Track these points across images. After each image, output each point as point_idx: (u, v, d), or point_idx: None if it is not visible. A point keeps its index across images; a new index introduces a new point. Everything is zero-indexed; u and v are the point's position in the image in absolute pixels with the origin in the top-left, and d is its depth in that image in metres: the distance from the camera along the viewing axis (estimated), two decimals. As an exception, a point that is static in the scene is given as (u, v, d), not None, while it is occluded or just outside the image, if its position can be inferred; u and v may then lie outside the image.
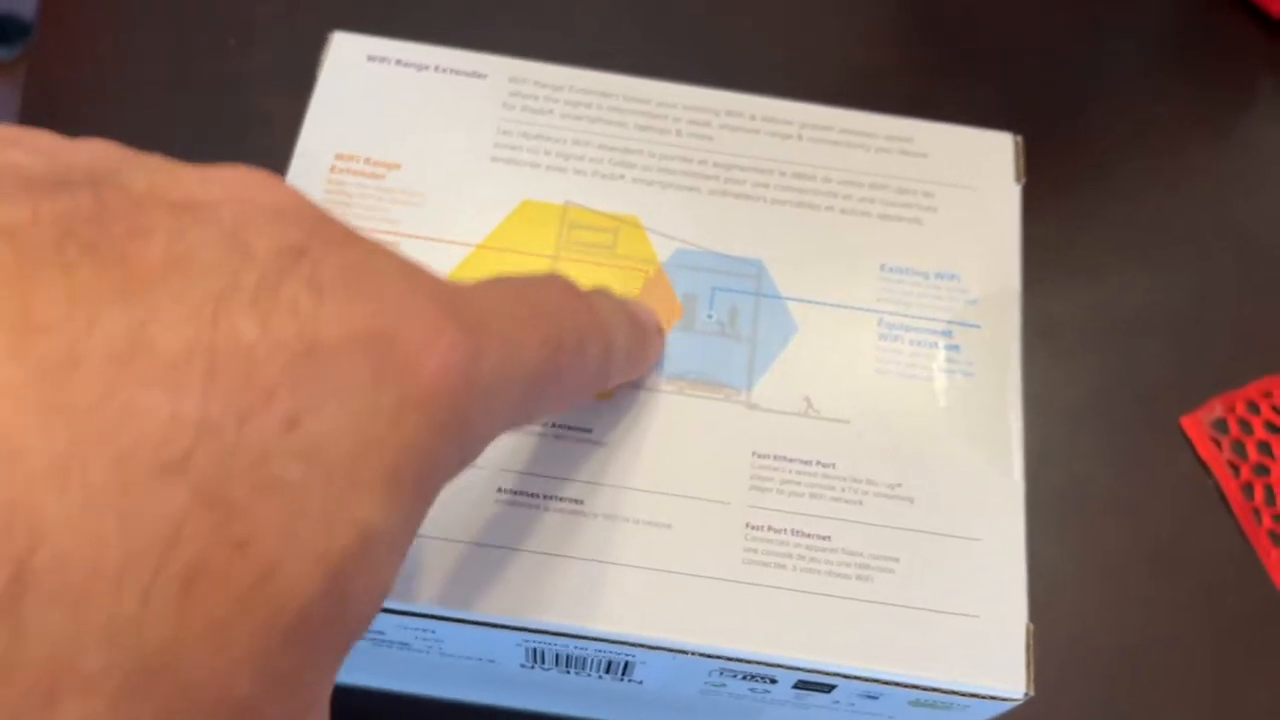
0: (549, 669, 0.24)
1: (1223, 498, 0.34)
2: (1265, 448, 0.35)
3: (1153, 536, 0.34)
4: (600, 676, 0.24)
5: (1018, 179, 0.26)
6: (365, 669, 0.27)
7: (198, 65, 0.38)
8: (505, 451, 0.22)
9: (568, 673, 0.24)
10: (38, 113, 0.37)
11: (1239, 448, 0.35)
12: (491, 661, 0.24)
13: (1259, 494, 0.34)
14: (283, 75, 0.38)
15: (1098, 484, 0.34)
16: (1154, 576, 0.33)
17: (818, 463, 0.23)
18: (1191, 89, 0.42)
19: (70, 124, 0.37)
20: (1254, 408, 0.35)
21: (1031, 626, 0.22)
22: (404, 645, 0.23)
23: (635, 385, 0.23)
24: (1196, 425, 0.35)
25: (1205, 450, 0.34)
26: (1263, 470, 0.34)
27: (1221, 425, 0.35)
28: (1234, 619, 0.33)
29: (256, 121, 0.38)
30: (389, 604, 0.21)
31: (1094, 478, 0.34)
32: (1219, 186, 0.40)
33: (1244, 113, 0.42)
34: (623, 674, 0.23)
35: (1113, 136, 0.40)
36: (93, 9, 0.39)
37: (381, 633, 0.23)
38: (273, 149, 0.37)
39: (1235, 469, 0.34)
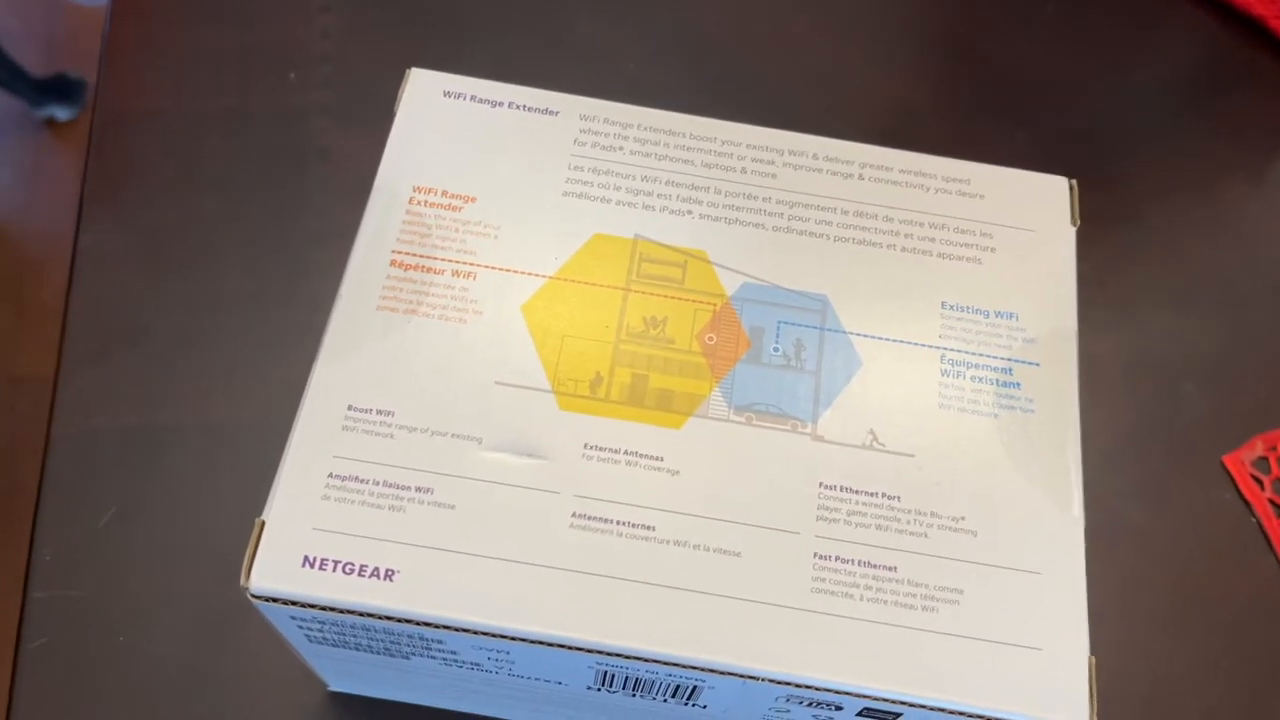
0: (615, 692, 0.24)
1: (1264, 535, 0.34)
2: (1305, 487, 0.35)
3: (1195, 572, 0.34)
4: (666, 700, 0.24)
5: (1073, 222, 0.27)
6: (429, 690, 0.27)
7: (259, 99, 0.39)
8: (579, 478, 0.23)
9: (634, 696, 0.24)
10: (106, 145, 0.38)
11: None
12: (560, 684, 0.24)
13: (1299, 533, 0.34)
14: (342, 110, 0.39)
15: (1140, 521, 0.35)
16: (1195, 612, 0.33)
17: (883, 495, 0.23)
18: (1225, 133, 0.43)
19: (136, 154, 0.38)
20: (1294, 448, 0.36)
21: (1094, 659, 0.22)
22: (475, 665, 0.24)
23: (704, 415, 0.24)
24: (1238, 463, 0.35)
25: (1247, 488, 0.35)
26: (1303, 510, 0.35)
27: (1263, 464, 0.35)
28: (1275, 655, 0.33)
29: (315, 154, 0.38)
30: (466, 623, 0.22)
31: (1136, 514, 0.35)
32: (1254, 228, 0.41)
33: (1276, 154, 0.42)
34: (689, 698, 0.24)
35: (1149, 180, 0.41)
36: (157, 42, 0.41)
37: (455, 653, 0.23)
38: (332, 180, 0.38)
39: (1276, 506, 0.35)
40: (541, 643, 0.22)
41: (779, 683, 0.22)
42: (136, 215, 0.37)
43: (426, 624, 0.22)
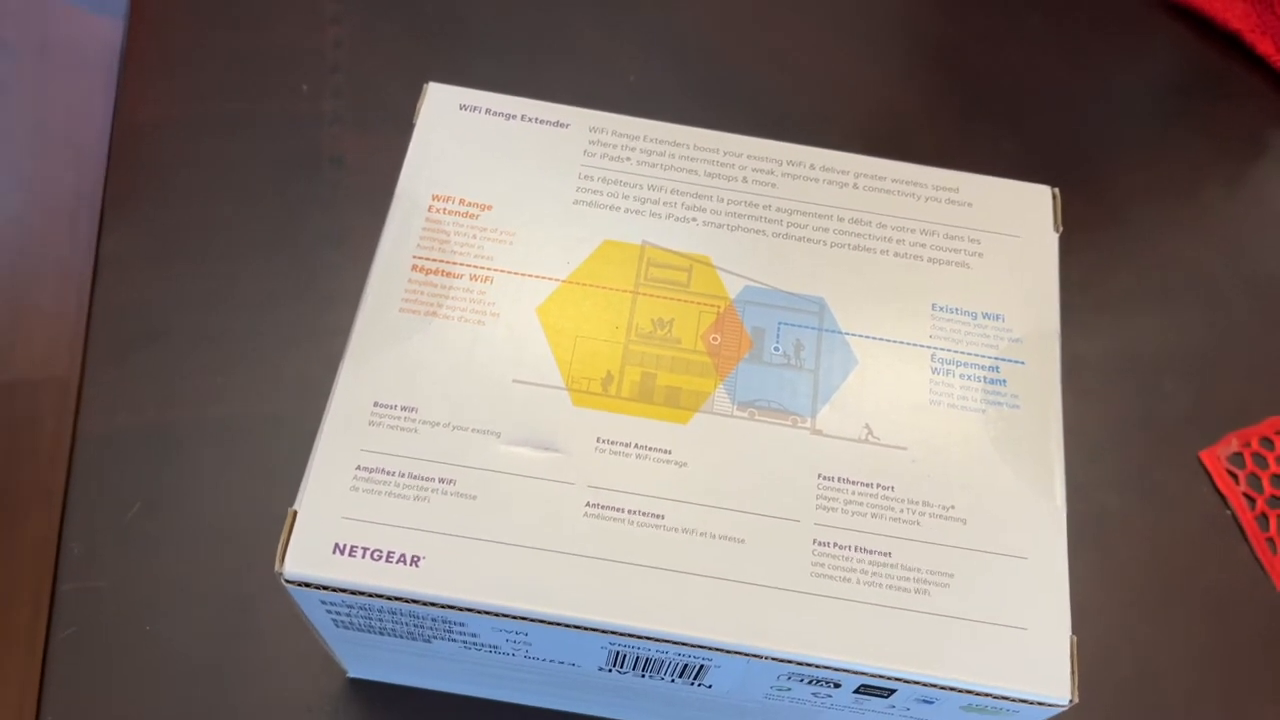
0: (626, 673, 0.26)
1: (1239, 528, 0.36)
2: (1278, 480, 0.37)
3: (1172, 564, 0.36)
4: (673, 680, 0.26)
5: (1056, 228, 0.28)
6: (446, 674, 0.29)
7: (273, 109, 0.41)
8: (592, 470, 0.24)
9: (643, 676, 0.26)
10: (125, 151, 0.39)
11: (1254, 481, 0.37)
12: (572, 665, 0.26)
13: (1273, 524, 0.36)
14: (353, 117, 0.41)
15: (1120, 514, 0.36)
16: (1172, 602, 0.35)
17: (878, 485, 0.25)
18: (1206, 142, 0.44)
19: (154, 163, 0.39)
20: (1268, 443, 0.37)
21: (1075, 638, 0.24)
22: (494, 648, 0.25)
23: (710, 411, 0.25)
24: (1214, 459, 0.37)
25: (1222, 483, 0.36)
26: (1276, 502, 0.36)
27: (1238, 459, 0.37)
28: (1249, 644, 0.35)
29: (329, 162, 0.40)
30: (487, 605, 0.23)
31: (1116, 508, 0.36)
32: (1233, 232, 0.42)
33: (1255, 162, 0.44)
34: (695, 678, 0.25)
35: (1131, 184, 0.43)
36: (174, 55, 0.42)
37: (475, 635, 0.25)
38: (345, 185, 0.39)
39: (1251, 500, 0.36)
40: (557, 624, 0.23)
41: (781, 661, 0.23)
42: (156, 219, 0.38)
43: (450, 607, 0.23)
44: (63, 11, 1.20)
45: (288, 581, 0.23)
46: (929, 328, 0.27)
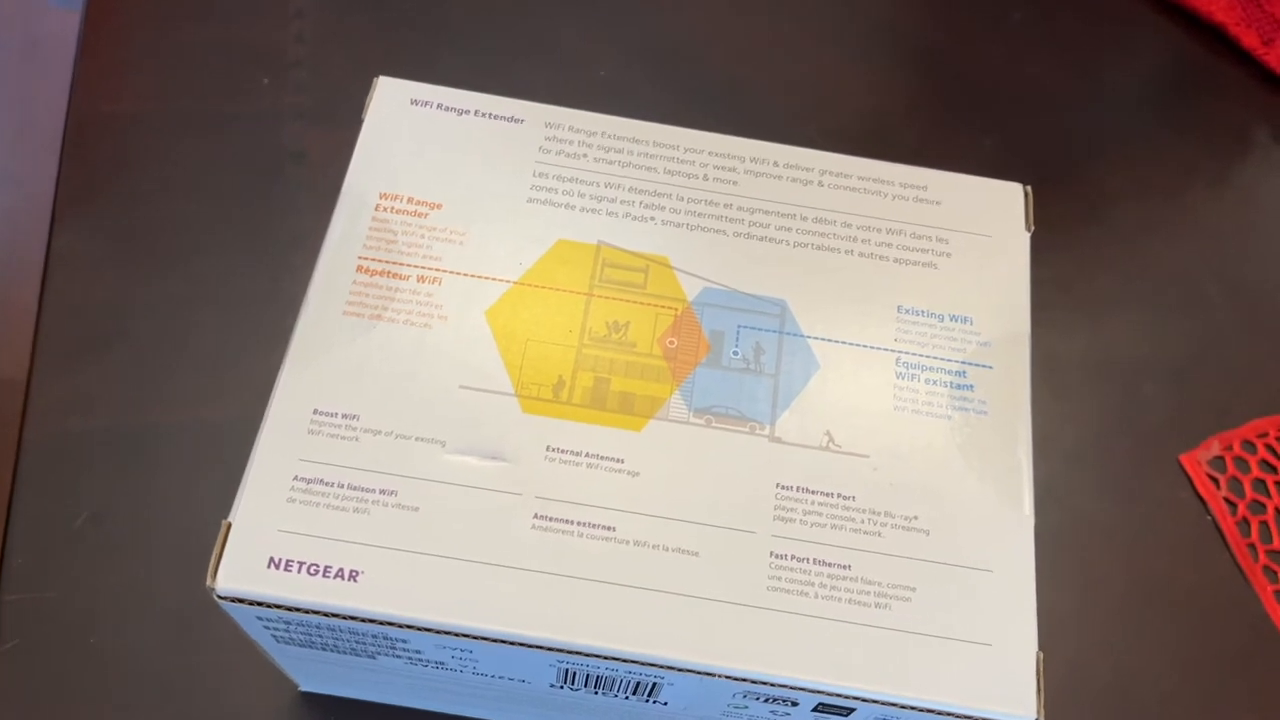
0: (578, 690, 0.25)
1: (1220, 533, 0.35)
2: (1260, 485, 0.36)
3: (1152, 569, 0.35)
4: (626, 698, 0.25)
5: (1027, 227, 0.27)
6: (397, 689, 0.28)
7: (234, 102, 0.40)
8: (541, 480, 0.23)
9: (595, 693, 0.25)
10: (80, 147, 0.38)
11: (1235, 485, 0.36)
12: (523, 682, 0.25)
13: (1254, 529, 0.35)
14: (317, 113, 0.40)
15: (1099, 518, 0.35)
16: (1152, 608, 0.34)
17: (838, 495, 0.24)
18: (1190, 138, 0.43)
19: (110, 156, 0.38)
20: (1250, 447, 0.37)
21: (1041, 654, 0.23)
22: (440, 664, 0.24)
23: (664, 417, 0.24)
24: (1195, 463, 0.36)
25: (1203, 487, 0.36)
26: (1258, 507, 0.36)
27: (1219, 463, 0.36)
28: (1229, 650, 0.34)
29: (290, 157, 0.39)
30: (429, 622, 0.22)
31: (1095, 512, 0.35)
32: (1216, 233, 0.41)
33: (1241, 162, 0.43)
34: (649, 695, 0.24)
35: (1114, 184, 0.42)
36: (132, 48, 0.41)
37: (419, 652, 0.24)
38: (307, 183, 0.38)
39: (1232, 505, 0.36)
40: (503, 641, 0.22)
41: (736, 679, 0.22)
42: (111, 217, 0.37)
43: (390, 624, 0.22)
44: (50, 11, 1.19)
45: (220, 597, 0.22)
46: (894, 331, 0.26)
